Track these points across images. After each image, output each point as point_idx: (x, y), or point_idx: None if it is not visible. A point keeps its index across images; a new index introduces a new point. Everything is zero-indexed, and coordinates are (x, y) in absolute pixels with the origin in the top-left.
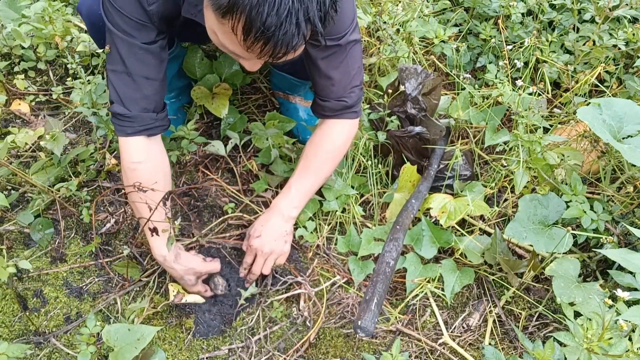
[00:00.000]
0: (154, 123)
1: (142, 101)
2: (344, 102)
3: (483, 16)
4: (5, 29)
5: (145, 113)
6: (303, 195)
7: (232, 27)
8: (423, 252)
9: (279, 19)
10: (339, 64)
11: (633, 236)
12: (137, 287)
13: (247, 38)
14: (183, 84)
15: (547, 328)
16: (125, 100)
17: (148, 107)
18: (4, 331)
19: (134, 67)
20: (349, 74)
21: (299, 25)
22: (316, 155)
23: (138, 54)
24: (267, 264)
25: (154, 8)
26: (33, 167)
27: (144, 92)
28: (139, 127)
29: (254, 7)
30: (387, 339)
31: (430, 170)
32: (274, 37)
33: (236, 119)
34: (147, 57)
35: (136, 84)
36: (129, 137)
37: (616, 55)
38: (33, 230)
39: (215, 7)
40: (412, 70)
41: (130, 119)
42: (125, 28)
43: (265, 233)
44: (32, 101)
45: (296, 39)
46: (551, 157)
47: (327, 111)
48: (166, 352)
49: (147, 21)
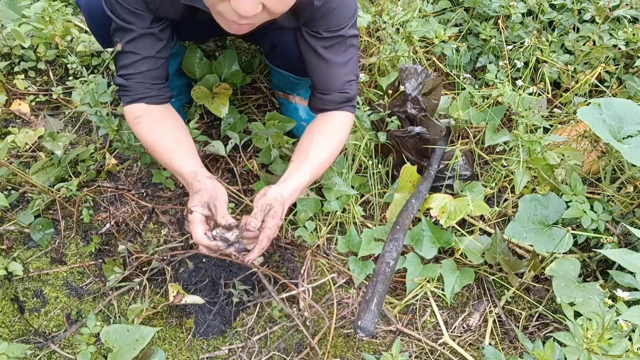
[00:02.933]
0: (149, 92)
1: (137, 76)
2: (346, 93)
3: (483, 16)
4: (5, 29)
5: (139, 83)
6: (299, 186)
7: None
8: (423, 252)
9: None
10: (340, 55)
11: (633, 236)
12: (136, 287)
13: None
14: (183, 83)
15: (547, 328)
16: (122, 73)
17: (143, 80)
18: (4, 331)
19: (131, 47)
20: (348, 65)
21: None
22: (317, 146)
23: (136, 39)
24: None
25: None
26: (33, 167)
27: (140, 69)
28: (135, 96)
29: None
30: (387, 339)
31: (430, 170)
32: None
33: (236, 119)
34: (146, 39)
35: (132, 61)
36: (128, 104)
37: (616, 55)
38: (33, 230)
39: None
40: (412, 70)
41: (127, 88)
42: (123, 15)
43: (269, 194)
44: (32, 101)
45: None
46: (551, 157)
47: (328, 104)
48: (166, 352)
49: (144, 9)
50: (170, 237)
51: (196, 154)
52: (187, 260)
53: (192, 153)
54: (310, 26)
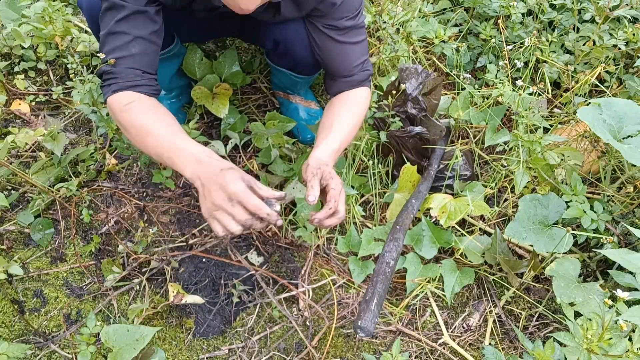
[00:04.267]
0: (140, 80)
1: (128, 59)
2: (367, 71)
3: (483, 16)
4: (5, 29)
5: (130, 69)
6: (334, 154)
7: None
8: (423, 252)
9: None
10: (357, 42)
11: (633, 236)
12: (136, 287)
13: None
14: (183, 83)
15: (547, 328)
16: (111, 57)
17: (134, 66)
18: (4, 331)
19: (122, 27)
20: (363, 45)
21: None
22: (341, 119)
23: (129, 16)
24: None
25: None
26: (33, 167)
27: (131, 50)
28: (124, 83)
29: None
30: (387, 339)
31: (431, 170)
32: None
33: (236, 119)
34: (138, 19)
35: (123, 42)
36: (114, 93)
37: (616, 55)
38: (33, 230)
39: None
40: (412, 70)
41: (114, 74)
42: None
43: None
44: (32, 101)
45: None
46: (551, 157)
47: (354, 84)
48: (166, 352)
49: None
50: (170, 237)
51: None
52: (185, 260)
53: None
54: (324, 21)
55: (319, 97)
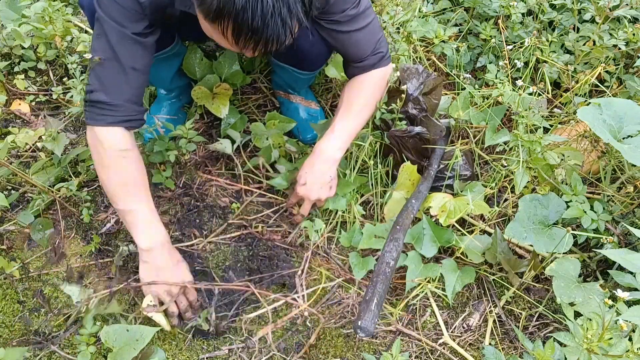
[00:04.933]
0: (135, 115)
1: (127, 92)
2: (380, 53)
3: (483, 16)
4: (5, 29)
5: (128, 104)
6: (346, 137)
7: (222, 31)
8: (424, 250)
9: (265, 20)
10: (364, 26)
11: (633, 236)
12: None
13: (239, 40)
14: (183, 83)
15: (547, 328)
16: (110, 88)
17: (132, 99)
18: (4, 331)
19: (123, 56)
20: (374, 29)
21: (285, 22)
22: (358, 97)
23: (128, 44)
24: (305, 207)
25: (146, 1)
26: (33, 167)
27: (131, 83)
28: (121, 117)
29: (239, 13)
30: (387, 339)
31: (431, 170)
32: (263, 36)
33: (236, 119)
34: (137, 48)
35: (124, 73)
36: (109, 126)
37: (616, 55)
38: (33, 230)
39: (203, 14)
40: (413, 70)
41: (113, 107)
42: (117, 17)
43: (311, 180)
44: (32, 101)
45: (284, 35)
46: (551, 157)
47: (367, 68)
48: (166, 352)
49: (139, 11)
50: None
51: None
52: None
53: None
54: (326, 17)
55: (319, 97)
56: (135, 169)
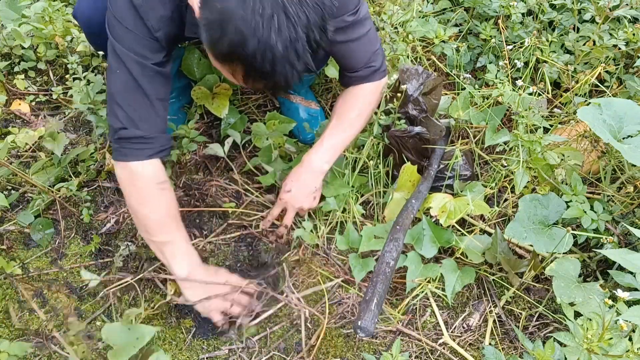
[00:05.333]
0: (168, 144)
1: (159, 123)
2: (372, 66)
3: (483, 16)
4: (5, 29)
5: (162, 134)
6: (334, 150)
7: (232, 72)
8: (423, 251)
9: (274, 65)
10: (360, 36)
11: (633, 236)
12: (136, 288)
13: (247, 81)
14: (183, 84)
15: (547, 328)
16: (142, 122)
17: (163, 128)
18: (4, 331)
19: (148, 88)
20: (369, 40)
21: (293, 66)
22: (348, 112)
23: (150, 75)
24: (289, 215)
25: (161, 34)
26: (33, 167)
27: (159, 113)
28: (157, 149)
29: (249, 57)
30: (387, 339)
31: (430, 170)
32: (271, 79)
33: (236, 119)
34: (159, 78)
35: (152, 105)
36: (146, 159)
37: (616, 55)
38: (33, 230)
39: (213, 55)
40: (413, 71)
41: (149, 140)
42: (138, 49)
43: (296, 188)
44: (32, 101)
45: (292, 78)
46: (551, 157)
47: (357, 80)
48: (166, 352)
49: (158, 45)
50: None
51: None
52: None
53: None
54: None
55: (319, 97)
56: (172, 201)
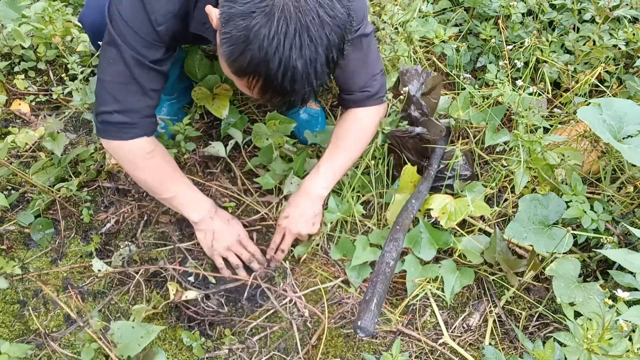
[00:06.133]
0: (152, 126)
1: (146, 110)
2: (367, 92)
3: (483, 16)
4: (5, 29)
5: (146, 119)
6: (332, 176)
7: (249, 86)
8: (422, 254)
9: (293, 84)
10: (358, 57)
11: (633, 236)
12: (136, 288)
13: (264, 96)
14: (184, 85)
15: (547, 328)
16: (129, 110)
17: (149, 114)
18: (4, 331)
19: (143, 80)
20: (367, 64)
21: (311, 84)
22: (345, 137)
23: (145, 70)
24: (287, 241)
25: (163, 29)
26: (33, 167)
27: (149, 102)
28: (140, 132)
29: (269, 75)
30: (387, 339)
31: (431, 170)
32: (288, 97)
33: (236, 119)
34: (154, 74)
35: (145, 94)
36: (131, 140)
37: (616, 55)
38: (33, 230)
39: (232, 69)
40: (413, 71)
41: (133, 125)
42: (136, 46)
43: (294, 215)
44: (32, 101)
45: (309, 95)
46: (551, 157)
47: (352, 103)
48: (166, 352)
49: (158, 40)
50: (169, 238)
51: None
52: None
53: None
54: None
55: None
56: (165, 163)
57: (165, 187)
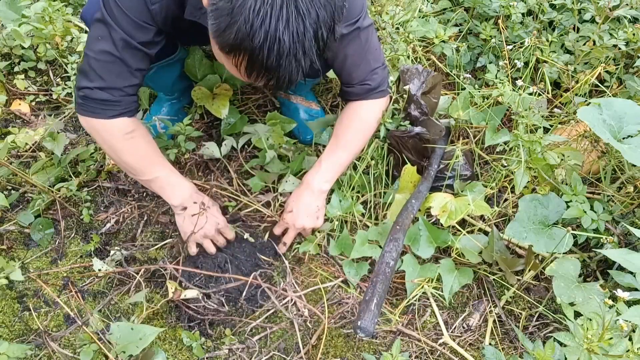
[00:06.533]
0: (133, 105)
1: (128, 88)
2: (367, 85)
3: (483, 16)
4: (5, 29)
5: (128, 97)
6: (333, 170)
7: (236, 64)
8: (420, 251)
9: (279, 60)
10: (357, 50)
11: (633, 236)
12: (136, 287)
13: (251, 75)
14: (184, 85)
15: (547, 328)
16: (111, 87)
17: (131, 92)
18: (4, 331)
19: (129, 60)
20: (367, 57)
21: (299, 62)
22: (346, 132)
23: (133, 51)
24: (290, 234)
25: (157, 7)
26: (33, 167)
27: (133, 81)
28: (122, 110)
29: (255, 49)
30: (387, 339)
31: (431, 170)
32: (275, 74)
33: (236, 119)
34: (142, 54)
35: (129, 73)
36: (111, 119)
37: (616, 55)
38: (33, 230)
39: (219, 45)
40: (413, 70)
41: (114, 103)
42: (125, 26)
43: (298, 209)
44: (32, 101)
45: (296, 74)
46: (551, 157)
47: (353, 96)
48: (166, 352)
49: (149, 21)
50: (169, 237)
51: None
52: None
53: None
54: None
55: (319, 97)
56: (145, 143)
57: (145, 169)
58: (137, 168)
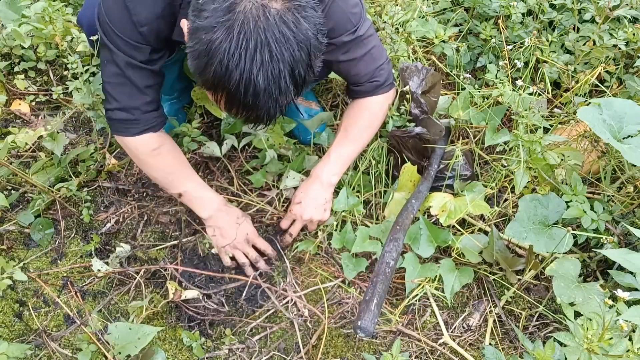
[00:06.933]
0: (156, 120)
1: (144, 106)
2: (376, 82)
3: (483, 16)
4: (5, 29)
5: (147, 114)
6: (342, 163)
7: (216, 100)
8: (420, 251)
9: (256, 99)
10: (362, 53)
11: (633, 236)
12: (136, 288)
13: (230, 111)
14: (184, 85)
15: (547, 328)
16: (128, 107)
17: (149, 109)
18: (4, 331)
19: (135, 79)
20: (372, 57)
21: (276, 101)
22: (354, 125)
23: (137, 69)
24: (296, 226)
25: (146, 30)
26: (33, 167)
27: (146, 98)
28: (144, 127)
29: (232, 88)
30: (387, 339)
31: (431, 170)
32: (253, 112)
33: (236, 119)
34: (146, 72)
35: (139, 92)
36: (136, 136)
37: (616, 55)
38: (33, 230)
39: (199, 82)
40: (413, 68)
41: (135, 121)
42: (124, 48)
43: (306, 200)
44: (32, 101)
45: (274, 112)
46: (551, 157)
47: (362, 94)
48: (166, 352)
49: (142, 42)
50: (169, 237)
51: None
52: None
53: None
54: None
55: (319, 97)
56: (172, 159)
57: (173, 184)
58: (165, 183)
